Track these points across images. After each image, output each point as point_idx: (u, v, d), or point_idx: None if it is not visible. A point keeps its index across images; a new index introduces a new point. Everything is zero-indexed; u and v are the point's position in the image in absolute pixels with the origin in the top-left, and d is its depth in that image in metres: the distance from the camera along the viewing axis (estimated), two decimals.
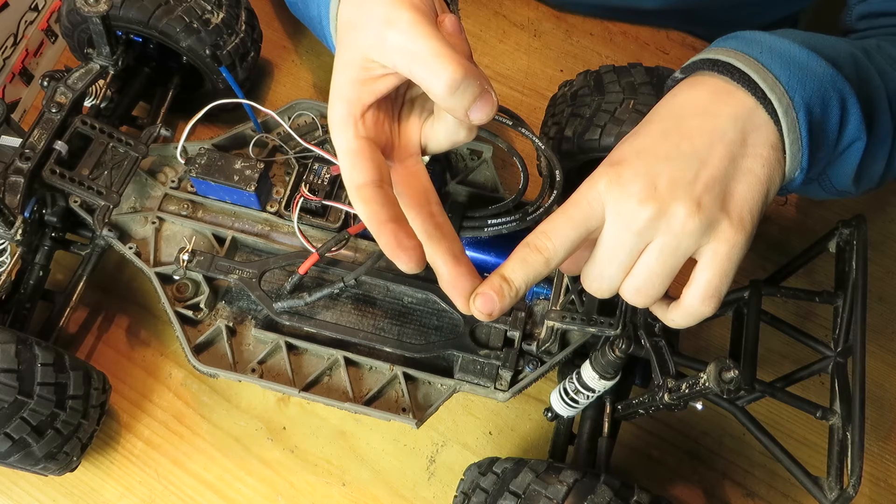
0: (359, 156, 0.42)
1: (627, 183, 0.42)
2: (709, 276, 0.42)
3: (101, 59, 0.64)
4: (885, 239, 0.78)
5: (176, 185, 0.65)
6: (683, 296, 0.44)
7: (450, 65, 0.38)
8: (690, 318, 0.44)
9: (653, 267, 0.43)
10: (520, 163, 0.58)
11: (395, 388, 0.61)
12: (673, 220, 0.41)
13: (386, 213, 0.40)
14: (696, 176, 0.42)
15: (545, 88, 0.84)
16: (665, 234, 0.42)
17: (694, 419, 0.69)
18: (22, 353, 0.54)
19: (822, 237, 0.58)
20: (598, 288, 0.45)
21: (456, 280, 0.42)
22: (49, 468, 0.58)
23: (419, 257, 0.39)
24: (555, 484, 0.49)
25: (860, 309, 0.53)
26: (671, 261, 0.42)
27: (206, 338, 0.62)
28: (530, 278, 0.43)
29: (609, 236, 0.43)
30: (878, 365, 0.72)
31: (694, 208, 0.41)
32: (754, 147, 0.43)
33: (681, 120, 0.44)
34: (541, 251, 0.43)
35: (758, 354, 0.54)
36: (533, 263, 0.43)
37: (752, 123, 0.44)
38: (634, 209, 0.41)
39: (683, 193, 0.41)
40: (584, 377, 0.54)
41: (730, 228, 0.42)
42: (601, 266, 0.44)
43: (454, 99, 0.39)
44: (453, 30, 0.42)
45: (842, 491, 0.49)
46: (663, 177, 0.42)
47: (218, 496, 0.65)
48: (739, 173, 0.43)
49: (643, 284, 0.43)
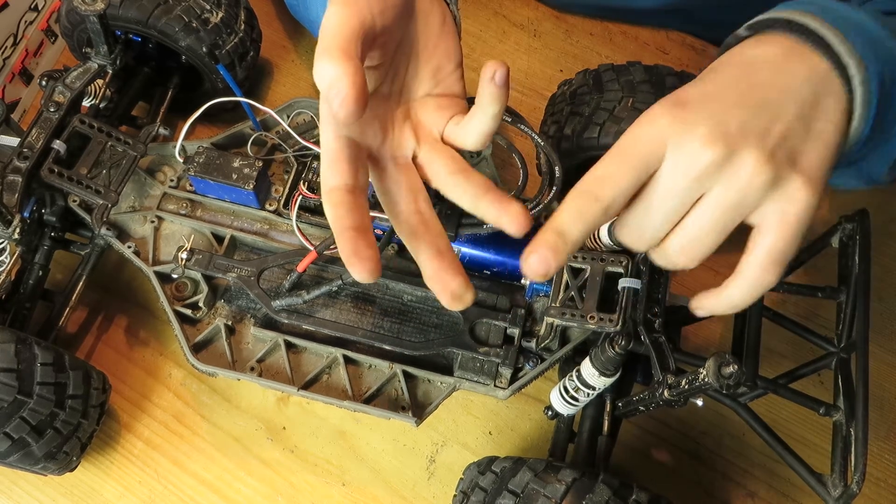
0: (337, 157, 0.40)
1: (693, 123, 0.38)
2: (774, 240, 0.38)
3: (100, 59, 0.64)
4: (886, 238, 0.78)
5: (175, 183, 0.65)
6: (743, 264, 0.39)
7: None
8: (752, 291, 0.39)
9: (706, 221, 0.38)
10: (519, 160, 0.58)
11: (394, 387, 0.61)
12: (741, 169, 0.37)
13: (350, 220, 0.38)
14: (769, 128, 0.38)
15: (545, 88, 0.84)
16: (728, 184, 0.38)
17: (694, 419, 0.69)
18: (22, 353, 0.54)
19: (825, 233, 0.58)
20: (636, 239, 0.41)
21: (438, 274, 0.39)
22: (49, 468, 0.58)
23: (372, 269, 0.37)
24: (553, 483, 0.49)
25: (863, 304, 0.53)
26: (729, 216, 0.38)
27: (205, 336, 0.62)
28: (587, 229, 0.39)
29: (662, 180, 0.38)
30: (879, 365, 0.72)
31: (766, 158, 0.37)
32: (826, 112, 0.40)
33: (751, 73, 0.41)
34: (599, 200, 0.38)
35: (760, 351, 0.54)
36: (590, 214, 0.38)
37: (826, 87, 0.40)
38: (698, 150, 0.37)
39: (755, 141, 0.37)
40: (584, 374, 0.54)
41: (803, 188, 0.38)
42: (645, 214, 0.39)
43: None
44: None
45: (846, 488, 0.49)
46: (733, 122, 0.38)
47: (218, 496, 0.65)
48: (812, 135, 0.39)
49: (691, 242, 0.39)
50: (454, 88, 0.46)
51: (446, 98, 0.46)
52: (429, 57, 0.45)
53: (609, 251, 0.58)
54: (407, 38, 0.44)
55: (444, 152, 0.44)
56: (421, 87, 0.46)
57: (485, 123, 0.43)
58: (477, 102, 0.42)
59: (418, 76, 0.45)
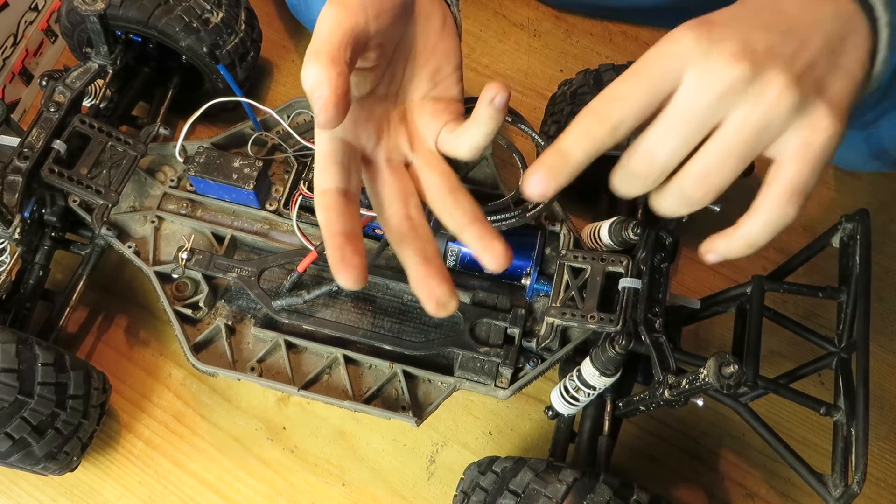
0: (330, 160, 0.40)
1: (719, 40, 0.36)
2: (798, 169, 0.36)
3: (100, 59, 0.64)
4: (885, 239, 0.78)
5: (175, 183, 0.65)
6: (762, 197, 0.37)
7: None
8: (772, 224, 0.37)
9: (730, 145, 0.36)
10: (519, 160, 0.58)
11: (394, 386, 0.61)
12: (768, 89, 0.35)
13: (340, 225, 0.38)
14: (797, 53, 0.37)
15: (545, 88, 0.84)
16: (754, 104, 0.36)
17: (694, 419, 0.69)
18: (22, 353, 0.54)
19: (825, 232, 0.58)
20: (645, 167, 0.37)
21: (424, 281, 0.39)
22: (49, 468, 0.58)
23: (358, 276, 0.37)
24: (554, 483, 0.49)
25: (864, 304, 0.53)
26: (753, 140, 0.36)
27: (206, 336, 0.62)
28: (592, 151, 0.37)
29: (682, 96, 0.36)
30: (879, 365, 0.72)
31: (793, 80, 0.36)
32: (854, 48, 0.39)
33: (779, 3, 0.39)
34: (606, 120, 0.36)
35: (760, 351, 0.54)
36: (597, 134, 0.36)
37: (852, 26, 0.39)
38: (724, 66, 0.35)
39: (783, 63, 0.36)
40: (584, 374, 0.54)
41: (828, 116, 0.36)
42: (660, 138, 0.37)
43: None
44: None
45: (846, 488, 0.49)
46: (761, 43, 0.36)
47: (218, 496, 0.65)
48: (838, 68, 0.38)
49: (714, 167, 0.36)
50: (452, 91, 0.46)
51: (443, 102, 0.45)
52: (427, 58, 0.45)
53: (609, 251, 0.58)
54: (406, 40, 0.44)
55: (438, 167, 0.44)
56: (419, 89, 0.45)
57: (478, 139, 0.42)
58: (473, 117, 0.41)
59: (416, 77, 0.45)
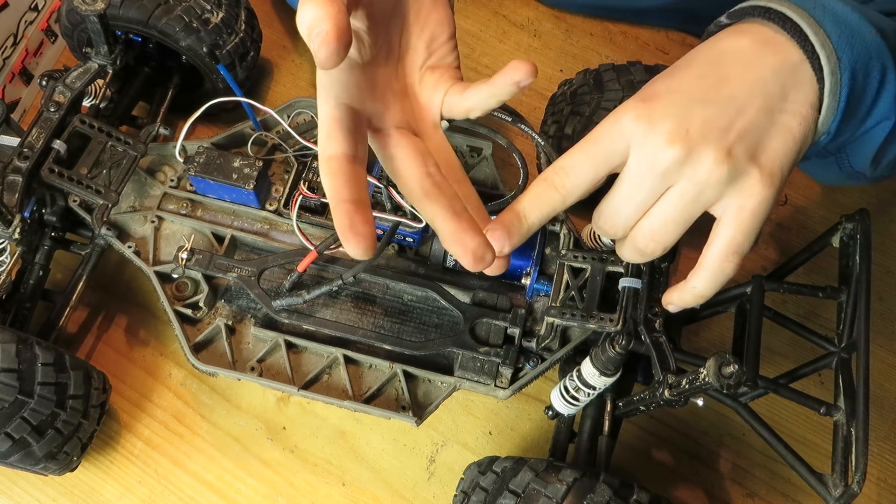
0: (336, 125, 0.39)
1: (657, 120, 0.40)
2: (732, 233, 0.41)
3: (100, 59, 0.64)
4: (885, 239, 0.78)
5: (175, 183, 0.65)
6: (704, 255, 0.42)
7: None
8: (713, 279, 0.42)
9: (670, 212, 0.41)
10: (519, 159, 0.58)
11: (394, 386, 0.61)
12: (699, 166, 0.40)
13: (348, 192, 0.37)
14: (731, 124, 0.40)
15: (545, 88, 0.84)
16: (689, 180, 0.40)
17: (694, 419, 0.69)
18: (22, 353, 0.54)
19: (825, 232, 0.58)
20: (610, 226, 0.44)
21: (456, 235, 0.39)
22: (49, 468, 0.58)
23: (368, 246, 0.36)
24: (554, 483, 0.49)
25: (864, 304, 0.53)
26: (690, 208, 0.41)
27: (206, 336, 0.62)
28: (544, 215, 0.42)
29: (630, 174, 0.41)
30: (879, 365, 0.72)
31: (723, 156, 0.39)
32: (794, 104, 0.42)
33: (721, 66, 0.43)
34: (557, 189, 0.41)
35: (760, 351, 0.54)
36: (549, 200, 0.42)
37: (795, 79, 0.42)
38: (661, 149, 0.40)
39: (715, 139, 0.40)
40: (584, 374, 0.54)
41: (758, 183, 0.40)
42: (617, 204, 0.42)
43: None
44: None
45: (846, 488, 0.49)
46: (696, 119, 0.40)
47: (218, 496, 0.64)
48: (775, 128, 0.41)
49: (658, 229, 0.42)
50: (448, 59, 0.46)
51: (441, 69, 0.46)
52: (422, 28, 0.45)
53: (609, 251, 0.58)
54: (399, 8, 0.44)
55: (444, 153, 0.44)
56: (416, 59, 0.45)
57: (488, 103, 0.44)
58: (491, 82, 0.43)
59: (412, 47, 0.45)
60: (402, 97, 0.45)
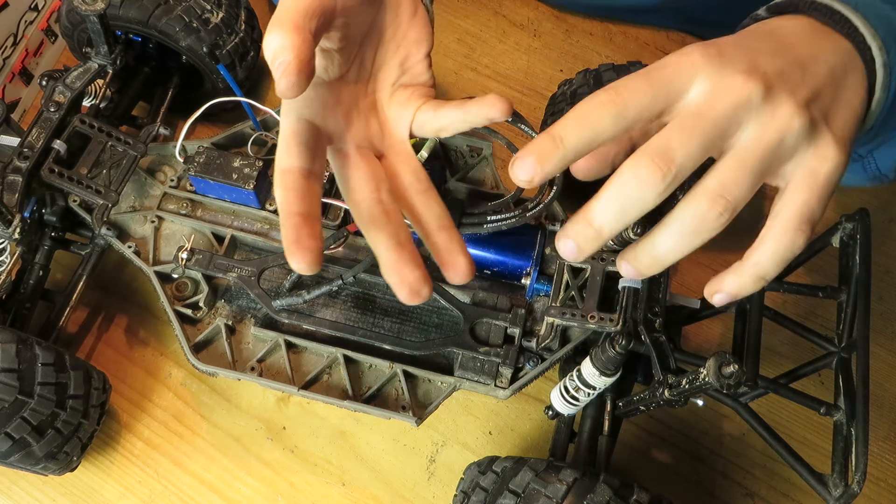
0: (294, 139, 0.39)
1: (730, 59, 0.35)
2: (806, 197, 0.36)
3: (100, 59, 0.64)
4: (885, 239, 0.78)
5: (175, 183, 0.65)
6: (769, 227, 0.36)
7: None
8: (782, 253, 0.36)
9: (746, 159, 0.35)
10: None
11: (394, 386, 0.61)
12: (779, 108, 0.35)
13: (299, 205, 0.37)
14: (803, 80, 0.36)
15: (545, 88, 0.84)
16: (768, 122, 0.35)
17: (694, 419, 0.69)
18: (22, 353, 0.54)
19: (825, 232, 0.58)
20: (659, 167, 0.34)
21: (395, 266, 0.37)
22: (49, 468, 0.58)
23: (312, 260, 0.36)
24: (554, 483, 0.49)
25: (864, 304, 0.53)
26: (768, 157, 0.35)
27: (206, 336, 0.62)
28: (585, 139, 0.35)
29: (697, 102, 0.35)
30: (879, 365, 0.72)
31: (802, 106, 0.35)
32: (854, 84, 0.39)
33: (780, 38, 0.39)
34: (606, 105, 0.34)
35: (760, 351, 0.54)
36: (595, 119, 0.34)
37: (851, 64, 0.39)
38: (739, 80, 0.35)
39: (791, 88, 0.36)
40: (584, 374, 0.54)
41: (833, 147, 0.36)
42: (675, 137, 0.34)
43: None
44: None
45: (846, 488, 0.49)
46: (770, 67, 0.36)
47: (218, 496, 0.64)
48: (841, 101, 0.38)
49: (731, 181, 0.35)
50: (422, 77, 0.45)
51: (412, 88, 0.45)
52: (397, 46, 0.45)
53: (609, 251, 0.58)
54: (376, 27, 0.44)
55: (409, 166, 0.43)
56: (388, 76, 0.45)
57: (459, 126, 0.43)
58: (464, 106, 0.42)
59: (386, 65, 0.45)
60: (369, 113, 0.44)
